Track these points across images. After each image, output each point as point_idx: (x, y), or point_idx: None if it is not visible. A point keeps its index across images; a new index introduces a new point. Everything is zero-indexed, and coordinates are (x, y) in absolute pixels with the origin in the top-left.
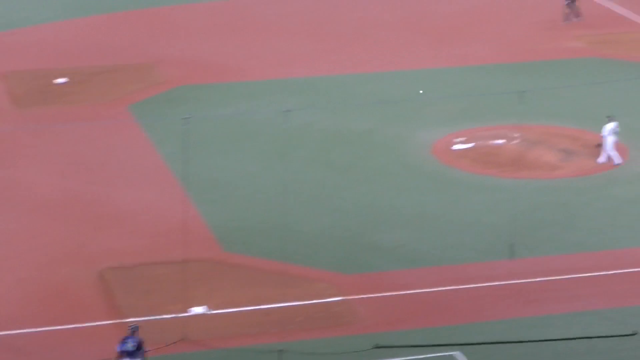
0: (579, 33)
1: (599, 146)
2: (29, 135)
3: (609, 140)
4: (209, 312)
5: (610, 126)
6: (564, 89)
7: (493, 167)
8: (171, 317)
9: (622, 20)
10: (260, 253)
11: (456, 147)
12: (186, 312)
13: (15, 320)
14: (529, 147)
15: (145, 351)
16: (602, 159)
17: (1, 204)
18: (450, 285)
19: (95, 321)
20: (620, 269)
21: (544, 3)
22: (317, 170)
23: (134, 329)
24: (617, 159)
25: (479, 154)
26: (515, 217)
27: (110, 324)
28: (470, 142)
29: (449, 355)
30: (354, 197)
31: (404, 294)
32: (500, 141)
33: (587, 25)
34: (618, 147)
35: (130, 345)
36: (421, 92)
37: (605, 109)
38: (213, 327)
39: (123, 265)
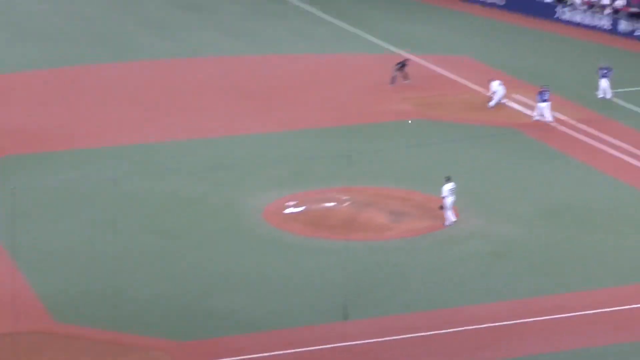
0: (407, 95)
1: (441, 208)
2: None
3: (448, 201)
4: None
5: (448, 186)
6: (392, 150)
7: (325, 230)
8: None
9: (448, 82)
10: (93, 322)
11: (288, 210)
12: None
13: None
14: (359, 209)
15: None
16: (450, 219)
17: None
18: (285, 349)
19: None
20: (454, 327)
21: (371, 66)
22: (150, 236)
23: None
24: (448, 220)
25: (311, 217)
26: (348, 279)
27: None
28: (302, 206)
29: None
30: (188, 263)
31: (238, 359)
32: (331, 204)
33: (414, 87)
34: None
35: None
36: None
37: (433, 170)
38: None
39: None
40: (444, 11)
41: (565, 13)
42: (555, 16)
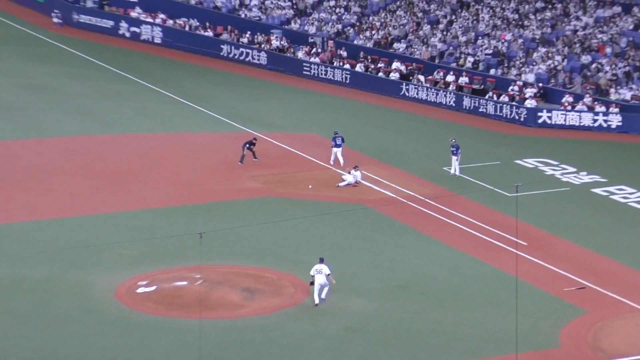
0: (256, 173)
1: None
2: None
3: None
4: None
5: (316, 267)
6: (242, 228)
7: (178, 309)
8: None
9: (296, 158)
10: None
11: (140, 290)
12: None
13: None
14: (212, 288)
15: None
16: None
17: None
18: None
19: None
20: None
21: (219, 144)
22: None
23: None
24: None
25: (163, 296)
26: (203, 358)
27: None
28: (153, 285)
29: None
30: (38, 345)
31: None
32: (183, 283)
33: (263, 165)
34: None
35: None
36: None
37: (284, 247)
38: None
39: None
40: (289, 89)
41: (411, 90)
42: (401, 93)
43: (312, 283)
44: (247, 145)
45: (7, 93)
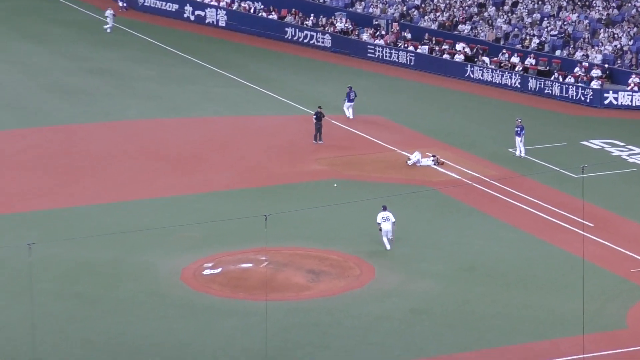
0: (321, 156)
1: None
2: None
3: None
4: None
5: (382, 215)
6: (307, 211)
7: (243, 291)
8: None
9: (362, 141)
10: None
11: (205, 272)
12: None
13: None
14: (277, 270)
15: None
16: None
17: None
18: None
19: None
20: None
21: (284, 127)
22: (64, 302)
23: None
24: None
25: (228, 278)
26: (268, 340)
27: None
28: (219, 267)
29: None
30: (104, 328)
31: None
32: (248, 265)
33: (328, 147)
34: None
35: None
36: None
37: (349, 229)
38: None
39: None
40: (354, 71)
41: (475, 72)
42: (466, 75)
43: (381, 229)
44: (315, 119)
45: (74, 77)
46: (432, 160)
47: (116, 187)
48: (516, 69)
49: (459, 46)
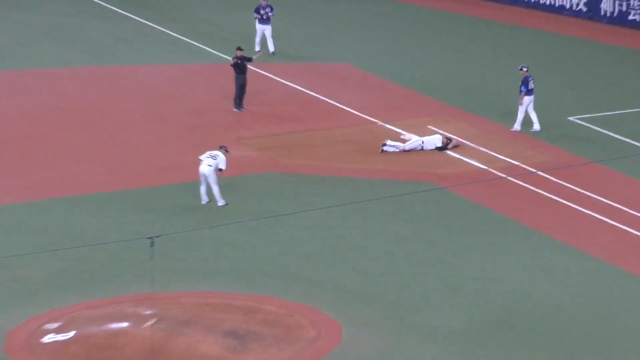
0: (246, 133)
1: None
2: None
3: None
4: None
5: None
6: (224, 228)
7: None
8: None
9: (315, 105)
10: None
11: (47, 338)
12: None
13: None
14: (172, 332)
15: None
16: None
17: None
18: None
19: None
20: None
21: (183, 86)
22: None
23: None
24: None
25: (87, 348)
26: None
27: None
28: (70, 330)
29: None
30: None
31: None
32: (121, 324)
33: (256, 118)
34: None
35: None
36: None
37: (293, 259)
38: None
39: None
40: None
41: None
42: None
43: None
44: (235, 70)
45: None
46: (441, 143)
47: None
48: None
49: None
